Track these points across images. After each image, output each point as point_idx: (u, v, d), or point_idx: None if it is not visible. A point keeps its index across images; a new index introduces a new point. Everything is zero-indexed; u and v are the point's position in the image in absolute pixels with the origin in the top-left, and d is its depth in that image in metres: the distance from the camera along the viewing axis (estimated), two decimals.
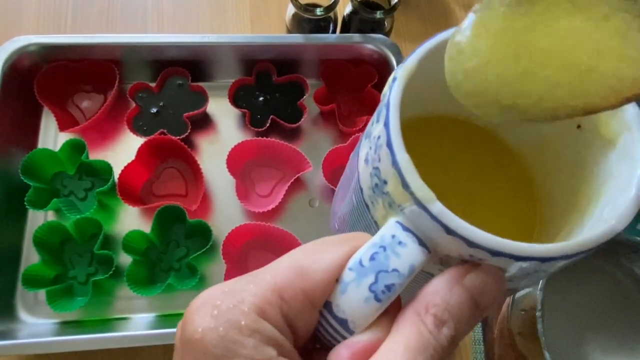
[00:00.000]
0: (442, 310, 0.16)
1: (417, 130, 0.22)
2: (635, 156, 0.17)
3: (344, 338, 0.17)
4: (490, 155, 0.24)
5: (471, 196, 0.23)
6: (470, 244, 0.15)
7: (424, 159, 0.18)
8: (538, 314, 0.35)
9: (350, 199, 0.21)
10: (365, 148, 0.19)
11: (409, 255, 0.16)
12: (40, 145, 0.50)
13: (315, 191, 0.50)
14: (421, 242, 0.16)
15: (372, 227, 0.19)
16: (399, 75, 0.17)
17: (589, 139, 0.19)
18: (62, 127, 0.48)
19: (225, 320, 0.15)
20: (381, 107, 0.17)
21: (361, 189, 0.19)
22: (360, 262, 0.16)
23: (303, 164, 0.48)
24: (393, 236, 0.16)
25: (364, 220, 0.20)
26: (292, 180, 0.48)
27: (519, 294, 0.40)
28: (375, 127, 0.18)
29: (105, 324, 0.44)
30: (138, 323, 0.44)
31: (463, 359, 0.46)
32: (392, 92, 0.17)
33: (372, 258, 0.16)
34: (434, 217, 0.15)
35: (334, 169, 0.50)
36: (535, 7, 0.15)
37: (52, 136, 0.50)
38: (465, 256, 0.16)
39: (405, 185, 0.16)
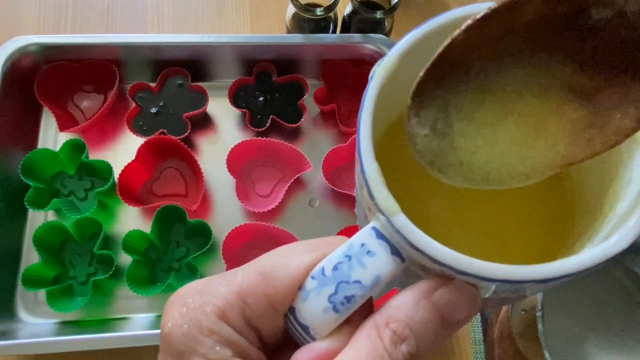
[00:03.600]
0: (402, 326, 0.15)
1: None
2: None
3: (306, 341, 0.17)
4: None
5: (491, 206, 0.20)
6: (433, 260, 0.14)
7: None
8: (538, 314, 0.35)
9: (358, 201, 0.21)
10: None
11: (376, 266, 0.15)
12: (40, 145, 0.50)
13: (315, 191, 0.50)
14: (394, 251, 0.15)
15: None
16: (377, 73, 0.16)
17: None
18: (62, 127, 0.48)
19: (190, 319, 0.16)
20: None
21: (357, 193, 0.19)
22: (323, 271, 0.16)
23: (303, 164, 0.48)
24: (362, 245, 0.16)
25: (363, 222, 0.19)
26: (292, 180, 0.48)
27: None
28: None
29: (105, 324, 0.44)
30: (138, 323, 0.44)
31: (463, 359, 0.46)
32: (368, 91, 0.16)
33: (335, 268, 0.16)
34: (396, 230, 0.15)
35: (334, 169, 0.50)
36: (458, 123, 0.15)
37: (52, 136, 0.50)
38: (437, 270, 0.15)
39: (370, 195, 0.15)
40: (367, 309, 0.17)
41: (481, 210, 0.20)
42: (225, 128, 0.52)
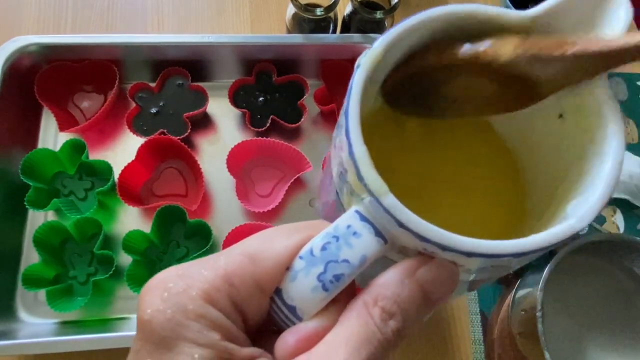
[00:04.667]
0: (391, 303, 0.16)
1: (396, 119, 0.22)
2: (606, 153, 0.16)
3: (294, 323, 0.17)
4: (476, 145, 0.24)
5: (457, 187, 0.23)
6: (421, 238, 0.15)
7: (401, 147, 0.17)
8: (538, 314, 0.35)
9: (327, 186, 0.21)
10: (335, 135, 0.19)
11: (362, 246, 0.16)
12: (40, 145, 0.50)
13: (315, 191, 0.50)
14: (378, 233, 0.16)
15: (340, 212, 0.19)
16: (363, 62, 0.17)
17: (569, 130, 0.19)
18: (62, 127, 0.48)
19: (173, 304, 0.16)
20: (347, 94, 0.17)
21: (331, 176, 0.19)
22: (311, 252, 0.17)
23: (303, 164, 0.48)
24: (348, 226, 0.16)
25: (337, 207, 0.20)
26: (292, 180, 0.48)
27: (519, 294, 0.40)
28: (341, 116, 0.17)
29: (105, 324, 0.44)
30: None
31: (463, 359, 0.46)
32: (355, 79, 0.17)
33: (323, 248, 0.16)
34: (385, 210, 0.15)
35: None
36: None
37: (52, 136, 0.50)
38: (420, 248, 0.16)
39: (359, 177, 0.16)
40: (351, 290, 0.17)
41: (453, 195, 0.22)
42: (225, 128, 0.52)
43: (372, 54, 0.17)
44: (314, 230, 0.17)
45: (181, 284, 0.16)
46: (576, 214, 0.15)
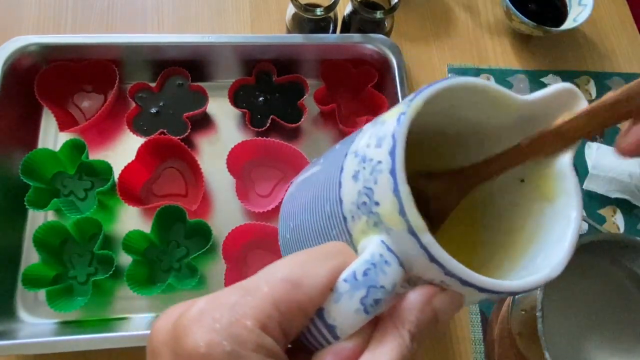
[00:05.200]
0: (415, 326, 0.18)
1: None
2: (570, 217, 0.20)
3: (328, 342, 0.18)
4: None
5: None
6: (447, 272, 0.17)
7: None
8: (538, 314, 0.35)
9: (322, 207, 0.22)
10: (354, 165, 0.20)
11: (393, 274, 0.18)
12: (40, 145, 0.50)
13: None
14: (400, 263, 0.18)
15: (342, 237, 0.21)
16: (408, 111, 0.19)
17: (528, 193, 0.23)
18: (62, 127, 0.48)
19: (229, 335, 0.16)
20: (384, 134, 0.19)
21: (341, 201, 0.21)
22: (355, 276, 0.18)
23: (303, 164, 0.48)
24: (381, 255, 0.18)
25: (335, 230, 0.21)
26: (292, 181, 0.48)
27: (518, 294, 0.40)
28: (374, 151, 0.19)
29: (105, 324, 0.44)
30: (138, 323, 0.44)
31: (463, 359, 0.46)
32: (401, 125, 0.18)
33: (364, 273, 0.18)
34: (422, 246, 0.17)
35: None
36: None
37: (52, 136, 0.50)
38: (437, 281, 0.18)
39: (402, 212, 0.17)
40: None
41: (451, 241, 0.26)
42: (225, 128, 0.52)
43: (416, 103, 0.19)
44: (345, 255, 0.19)
45: (231, 313, 0.16)
46: (549, 265, 0.19)
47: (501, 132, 0.23)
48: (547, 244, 0.21)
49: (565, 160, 0.21)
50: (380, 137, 0.19)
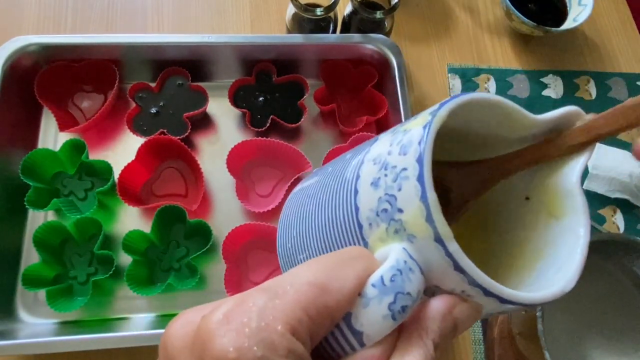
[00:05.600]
0: (437, 335, 0.18)
1: None
2: (579, 234, 0.21)
3: (353, 350, 0.18)
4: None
5: None
6: (472, 282, 0.17)
7: None
8: (538, 314, 0.35)
9: (333, 215, 0.22)
10: (373, 172, 0.20)
11: (417, 281, 0.18)
12: (40, 145, 0.50)
13: None
14: (422, 271, 0.18)
15: (356, 243, 0.21)
16: (435, 121, 0.19)
17: (535, 210, 0.24)
18: (62, 127, 0.48)
19: (259, 340, 0.15)
20: (408, 142, 0.19)
21: (357, 208, 0.20)
22: (382, 281, 0.18)
23: (303, 164, 0.48)
24: (405, 262, 0.18)
25: (348, 237, 0.21)
26: (292, 180, 0.48)
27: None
28: (397, 159, 0.19)
29: (105, 324, 0.44)
30: (138, 323, 0.44)
31: (463, 359, 0.46)
32: (429, 134, 0.18)
33: (392, 279, 0.18)
34: (448, 254, 0.17)
35: None
36: None
37: (52, 136, 0.50)
38: (457, 291, 0.18)
39: (429, 219, 0.17)
40: None
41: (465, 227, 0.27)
42: (225, 128, 0.52)
43: (442, 113, 0.19)
44: (369, 260, 0.19)
45: (260, 317, 0.15)
46: (563, 278, 0.20)
47: (510, 147, 0.23)
48: (557, 259, 0.21)
49: (573, 178, 0.22)
50: (405, 145, 0.19)
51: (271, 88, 0.52)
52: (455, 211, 0.25)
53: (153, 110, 0.50)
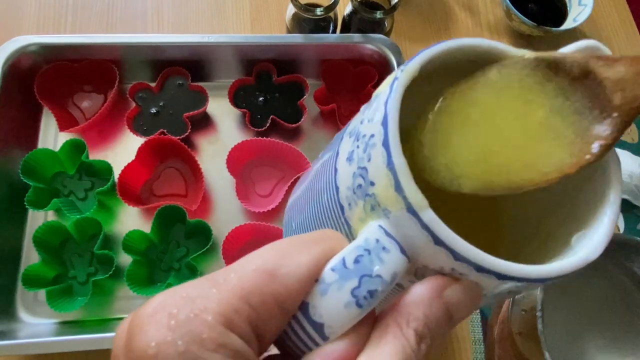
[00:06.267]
0: (422, 325, 0.15)
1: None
2: (608, 197, 0.17)
3: (315, 344, 0.15)
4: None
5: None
6: (457, 257, 0.15)
7: None
8: (538, 314, 0.35)
9: (320, 200, 0.20)
10: (348, 146, 0.18)
11: (392, 262, 0.15)
12: (40, 145, 0.50)
13: None
14: (402, 250, 0.16)
15: (341, 229, 0.18)
16: (401, 76, 0.17)
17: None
18: (62, 127, 0.48)
19: (185, 333, 0.13)
20: (377, 106, 0.17)
21: (337, 188, 0.18)
22: (344, 263, 0.15)
23: (303, 164, 0.48)
24: (377, 240, 0.16)
25: (333, 222, 0.19)
26: (292, 180, 0.48)
27: (519, 294, 0.40)
28: (367, 126, 0.17)
29: (105, 324, 0.44)
30: None
31: (463, 359, 0.46)
32: (393, 92, 0.16)
33: (356, 261, 0.15)
34: (424, 225, 0.15)
35: None
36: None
37: (52, 136, 0.50)
38: (447, 269, 0.16)
39: (398, 188, 0.15)
40: (372, 311, 0.16)
41: (467, 215, 0.22)
42: (225, 128, 0.52)
43: (410, 68, 0.17)
44: (332, 241, 0.16)
45: (190, 308, 0.14)
46: (586, 245, 0.16)
47: None
48: (580, 225, 0.18)
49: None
50: (374, 109, 0.17)
51: (271, 88, 0.52)
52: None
53: (153, 110, 0.50)
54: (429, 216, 0.15)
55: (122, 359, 0.14)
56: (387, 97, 0.16)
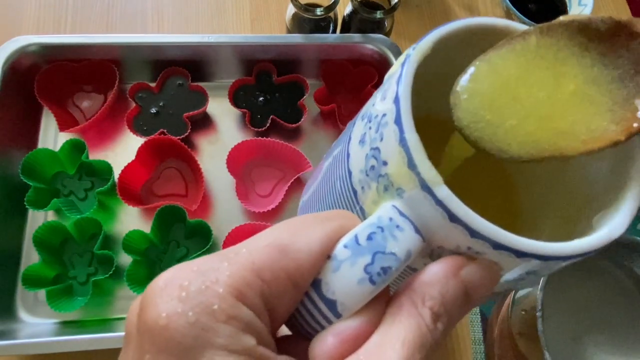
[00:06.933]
0: (438, 304, 0.15)
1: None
2: (630, 174, 0.17)
3: (328, 322, 0.15)
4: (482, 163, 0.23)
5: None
6: (474, 233, 0.14)
7: None
8: (538, 314, 0.35)
9: (333, 187, 0.20)
10: (360, 129, 0.18)
11: (407, 240, 0.15)
12: (40, 145, 0.50)
13: None
14: (417, 230, 0.15)
15: (356, 213, 0.18)
16: (413, 54, 0.16)
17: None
18: (62, 127, 0.48)
19: (196, 304, 0.13)
20: (389, 85, 0.16)
21: (350, 173, 0.18)
22: (357, 240, 0.15)
23: (303, 164, 0.48)
24: (391, 219, 0.15)
25: (346, 208, 0.19)
26: (292, 180, 0.48)
27: (519, 294, 0.40)
28: (379, 105, 0.16)
29: (105, 324, 0.44)
30: None
31: (463, 359, 0.46)
32: (405, 69, 0.16)
33: (369, 237, 0.15)
34: (438, 202, 0.14)
35: None
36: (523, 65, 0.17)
37: (52, 136, 0.50)
38: (463, 248, 0.15)
39: (411, 165, 0.15)
40: (387, 289, 0.16)
41: (482, 198, 0.21)
42: (225, 128, 0.52)
43: (422, 46, 0.16)
44: (345, 219, 0.16)
45: (202, 280, 0.14)
46: (609, 223, 0.16)
47: None
48: (606, 204, 0.17)
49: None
50: (385, 90, 0.16)
51: (271, 88, 0.52)
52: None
53: (153, 110, 0.50)
54: (444, 192, 0.14)
55: (134, 332, 0.14)
56: (399, 75, 0.16)
